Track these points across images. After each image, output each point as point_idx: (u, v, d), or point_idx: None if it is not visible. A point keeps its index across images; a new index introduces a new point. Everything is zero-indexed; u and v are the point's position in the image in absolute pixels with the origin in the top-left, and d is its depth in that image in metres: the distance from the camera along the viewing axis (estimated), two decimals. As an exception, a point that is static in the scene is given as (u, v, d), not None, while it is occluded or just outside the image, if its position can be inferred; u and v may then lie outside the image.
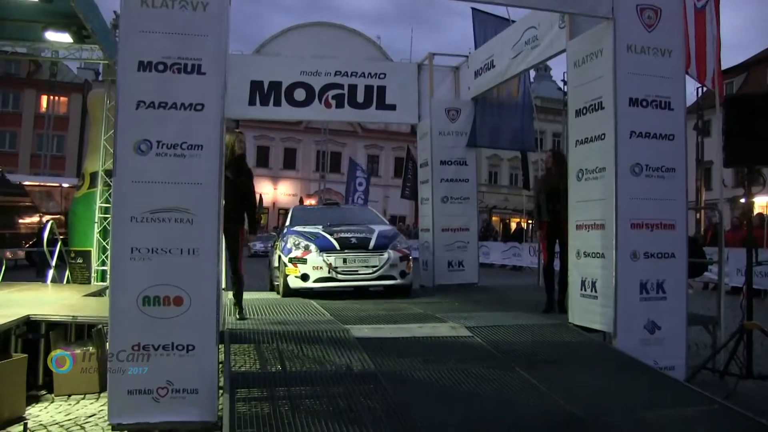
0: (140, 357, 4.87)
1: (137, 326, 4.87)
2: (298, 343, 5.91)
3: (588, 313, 6.57)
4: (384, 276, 9.35)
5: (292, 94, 10.38)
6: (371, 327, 6.51)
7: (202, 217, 5.01)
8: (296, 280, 9.15)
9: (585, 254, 6.63)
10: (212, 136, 5.10)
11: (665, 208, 6.36)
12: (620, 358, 5.94)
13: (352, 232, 9.70)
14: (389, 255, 9.40)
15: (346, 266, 9.21)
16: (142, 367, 4.89)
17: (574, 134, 6.86)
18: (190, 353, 4.93)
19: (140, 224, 4.89)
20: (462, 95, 11.14)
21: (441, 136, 10.88)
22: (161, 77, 5.03)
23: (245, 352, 5.85)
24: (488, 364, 5.63)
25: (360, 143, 57.28)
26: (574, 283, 6.79)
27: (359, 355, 5.60)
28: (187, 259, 4.96)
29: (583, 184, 6.67)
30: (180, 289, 4.93)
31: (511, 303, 9.03)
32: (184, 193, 5.00)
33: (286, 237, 9.76)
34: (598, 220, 6.43)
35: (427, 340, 6.23)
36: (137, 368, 4.88)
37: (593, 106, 6.50)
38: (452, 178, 10.94)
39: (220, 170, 5.13)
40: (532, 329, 6.81)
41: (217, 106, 5.13)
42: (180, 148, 5.01)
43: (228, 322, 6.72)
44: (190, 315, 4.93)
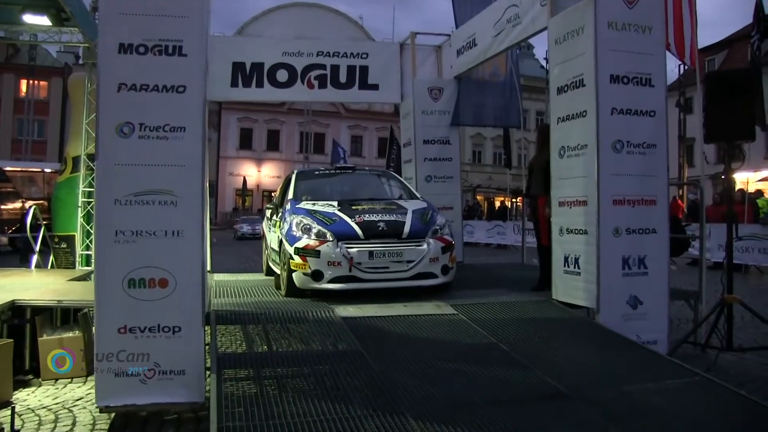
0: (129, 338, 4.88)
1: (123, 309, 4.87)
2: (284, 324, 5.91)
3: (571, 289, 6.62)
4: (422, 274, 7.14)
5: (275, 75, 10.33)
6: (356, 306, 6.50)
7: (186, 199, 4.99)
8: (305, 279, 7.02)
9: (568, 231, 6.68)
10: (195, 118, 5.07)
11: (646, 184, 6.42)
12: (603, 334, 5.99)
13: (378, 213, 7.41)
14: (429, 246, 7.19)
15: (373, 262, 6.98)
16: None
17: (556, 112, 6.87)
18: (177, 335, 4.94)
19: (124, 207, 4.88)
20: (445, 74, 11.10)
21: (424, 115, 10.84)
22: (142, 59, 4.99)
23: (232, 333, 5.87)
24: (473, 341, 5.67)
25: (343, 124, 57.16)
26: (558, 259, 6.83)
27: (344, 335, 5.61)
28: (171, 241, 4.96)
29: (565, 161, 6.70)
30: (165, 271, 4.93)
31: (495, 281, 9.05)
32: (167, 176, 4.98)
33: (289, 215, 7.58)
34: (581, 197, 6.47)
35: (412, 319, 6.23)
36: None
37: (575, 84, 6.52)
38: (436, 157, 10.91)
39: (203, 152, 5.11)
40: (517, 306, 6.84)
41: (199, 88, 5.10)
42: (163, 130, 4.99)
43: (214, 303, 6.71)
44: (175, 297, 4.93)
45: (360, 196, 8.42)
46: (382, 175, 9.95)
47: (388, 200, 8.38)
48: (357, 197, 8.29)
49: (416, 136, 10.84)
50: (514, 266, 11.46)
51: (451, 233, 7.67)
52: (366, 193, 8.65)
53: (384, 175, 10.00)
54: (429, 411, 4.15)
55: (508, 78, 11.24)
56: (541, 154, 7.78)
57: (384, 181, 9.55)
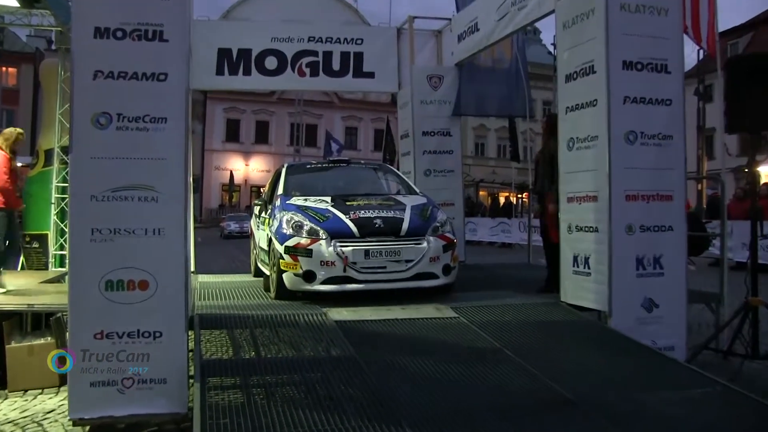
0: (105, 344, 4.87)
1: (100, 313, 4.86)
2: (274, 328, 5.91)
3: (581, 290, 6.62)
4: (422, 275, 7.11)
5: (263, 62, 10.30)
6: (351, 309, 6.50)
7: (168, 195, 5.00)
8: (296, 280, 7.00)
9: (577, 228, 6.67)
10: (177, 109, 5.07)
11: (662, 178, 6.41)
12: (616, 339, 5.98)
13: (374, 209, 7.41)
14: (429, 244, 7.15)
15: (369, 261, 6.96)
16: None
17: (564, 101, 6.86)
18: (158, 340, 4.94)
19: (101, 203, 4.87)
20: (445, 61, 11.09)
21: (423, 105, 10.84)
22: (120, 45, 4.98)
23: (217, 339, 5.85)
24: (476, 346, 5.67)
25: (337, 114, 57.16)
26: (566, 259, 6.83)
27: (338, 340, 5.60)
28: (152, 239, 4.96)
29: (574, 154, 6.70)
30: (145, 272, 4.94)
31: (500, 282, 9.05)
32: (147, 170, 4.98)
33: (279, 212, 7.57)
34: (591, 192, 6.46)
35: (411, 323, 6.23)
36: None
37: (584, 71, 6.51)
38: (435, 150, 10.91)
39: (186, 145, 5.10)
40: (522, 309, 6.84)
41: (181, 76, 5.10)
42: (142, 121, 4.99)
43: (198, 306, 6.71)
44: (156, 299, 4.93)
45: (355, 191, 8.39)
46: (378, 169, 9.96)
47: (385, 195, 8.38)
48: (352, 192, 8.24)
49: (415, 128, 10.84)
50: (520, 266, 11.45)
51: (453, 231, 7.66)
52: (361, 188, 8.63)
53: (380, 169, 10.02)
54: (428, 421, 4.14)
55: (513, 65, 11.24)
56: (547, 146, 7.81)
57: (380, 176, 9.55)
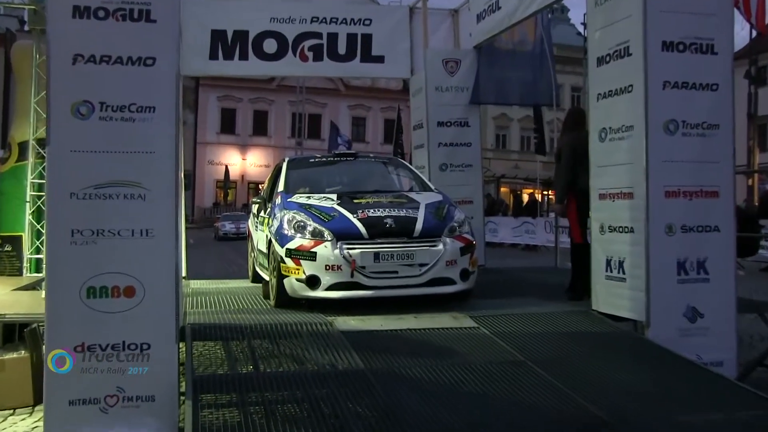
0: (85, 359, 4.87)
1: (80, 323, 4.87)
2: (273, 339, 5.91)
3: (615, 298, 6.57)
4: (437, 280, 7.08)
5: (261, 45, 10.28)
6: (359, 318, 6.50)
7: (157, 192, 5.01)
8: (298, 285, 6.96)
9: (610, 228, 6.62)
10: (166, 96, 5.09)
11: (707, 172, 6.35)
12: (655, 352, 5.93)
13: (385, 207, 7.39)
14: (445, 246, 7.13)
15: (379, 265, 6.92)
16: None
17: (595, 87, 6.82)
18: (145, 353, 4.94)
19: (82, 202, 4.88)
20: (462, 43, 11.05)
21: (438, 93, 10.78)
22: (102, 25, 4.99)
23: (211, 351, 5.86)
24: (497, 359, 5.64)
25: (343, 103, 57.17)
26: (598, 262, 6.78)
27: (345, 352, 5.59)
28: (139, 241, 4.97)
29: (606, 146, 6.66)
30: (131, 277, 4.94)
31: (523, 288, 9.03)
32: (133, 164, 5.00)
33: (280, 211, 7.58)
34: (626, 188, 6.41)
35: (425, 333, 6.22)
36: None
37: (618, 53, 6.45)
38: (452, 142, 10.86)
39: (176, 136, 5.11)
40: (549, 318, 6.81)
41: (170, 61, 5.11)
42: (128, 110, 5.00)
43: (190, 315, 6.70)
44: (144, 308, 4.94)
45: (363, 187, 8.39)
46: (389, 163, 9.97)
47: (397, 192, 8.37)
48: (360, 189, 8.25)
49: (429, 117, 10.79)
50: (546, 271, 11.43)
51: (472, 231, 7.65)
52: (370, 185, 8.63)
53: (391, 163, 10.03)
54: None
55: (537, 47, 11.18)
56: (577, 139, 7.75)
57: (391, 170, 9.53)
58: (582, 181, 7.43)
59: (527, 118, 46.12)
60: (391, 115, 49.00)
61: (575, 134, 7.80)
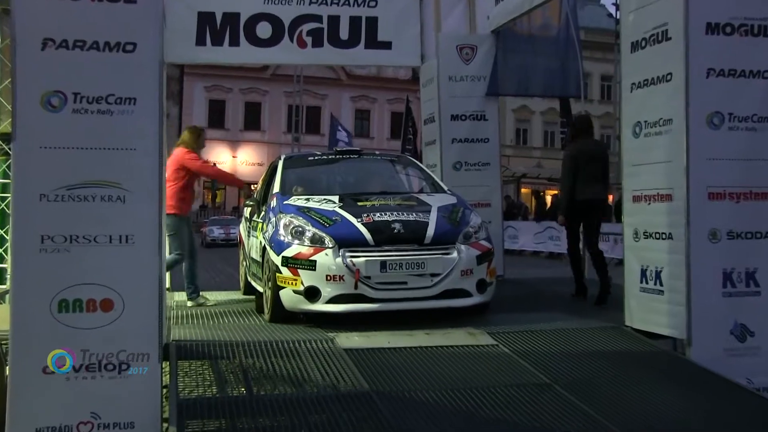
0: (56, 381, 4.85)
1: (50, 341, 4.85)
2: (268, 358, 5.90)
3: (651, 312, 6.56)
4: (451, 292, 7.09)
5: (254, 29, 10.25)
6: (364, 335, 6.50)
7: (138, 194, 5.01)
8: (296, 298, 6.98)
9: (645, 234, 6.62)
10: (148, 87, 5.09)
11: (757, 171, 6.32)
12: (698, 375, 5.92)
13: (392, 211, 7.38)
14: (460, 254, 7.15)
15: (386, 275, 6.93)
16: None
17: (629, 76, 6.81)
18: (123, 374, 4.92)
19: (53, 204, 4.87)
20: (479, 27, 11.06)
21: (452, 83, 10.82)
22: (76, 6, 4.99)
23: (198, 372, 5.83)
24: (519, 381, 5.63)
25: (345, 94, 57.20)
26: (632, 272, 6.78)
27: (348, 372, 5.60)
28: (118, 249, 4.96)
29: (641, 142, 6.65)
30: (109, 289, 4.94)
31: (547, 301, 9.08)
32: (112, 163, 4.99)
33: (275, 214, 7.60)
34: (663, 189, 6.40)
35: (437, 351, 6.22)
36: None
37: (656, 37, 6.44)
38: (467, 138, 10.89)
39: (159, 131, 5.10)
40: (577, 335, 6.81)
41: (153, 46, 5.12)
42: (105, 102, 4.99)
43: (174, 332, 6.69)
44: (123, 323, 4.93)
45: (368, 188, 8.44)
46: (396, 162, 10.01)
47: (406, 194, 8.40)
48: (364, 190, 8.30)
49: (441, 110, 10.81)
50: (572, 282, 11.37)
51: (489, 237, 7.67)
52: (376, 185, 8.69)
53: (399, 162, 10.06)
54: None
55: (563, 31, 11.18)
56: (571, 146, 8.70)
57: (399, 169, 9.57)
58: (580, 191, 8.37)
59: (551, 110, 46.07)
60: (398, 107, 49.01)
61: (580, 142, 8.59)
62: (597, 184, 8.59)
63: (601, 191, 8.80)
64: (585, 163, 8.48)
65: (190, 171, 8.84)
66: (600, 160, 8.71)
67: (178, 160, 8.81)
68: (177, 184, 8.65)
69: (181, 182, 8.72)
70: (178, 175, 8.67)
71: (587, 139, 8.87)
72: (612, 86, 42.70)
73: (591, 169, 8.51)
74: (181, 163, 8.79)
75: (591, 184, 8.50)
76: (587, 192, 8.49)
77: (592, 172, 8.52)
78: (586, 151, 8.63)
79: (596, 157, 8.68)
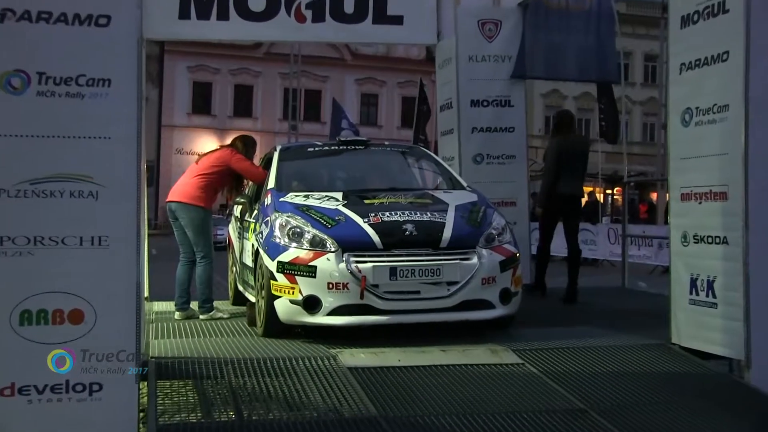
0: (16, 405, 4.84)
1: (10, 358, 4.86)
2: (261, 378, 5.90)
3: (703, 329, 6.55)
4: (471, 303, 7.10)
5: (246, 1, 10.29)
6: (371, 352, 6.51)
7: (113, 189, 5.01)
8: (293, 309, 6.99)
9: (696, 238, 6.61)
10: (124, 66, 5.09)
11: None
12: (758, 402, 5.90)
13: (404, 210, 7.40)
14: (481, 259, 7.15)
15: (397, 284, 6.93)
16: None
17: (678, 55, 6.81)
18: (95, 396, 4.93)
19: (14, 201, 4.87)
20: (504, 0, 11.03)
21: (472, 64, 10.82)
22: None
23: (180, 393, 5.83)
24: (549, 407, 5.61)
25: (349, 77, 57.26)
26: (679, 282, 6.78)
27: (353, 394, 5.59)
28: (89, 252, 4.97)
29: (692, 132, 6.63)
30: (79, 298, 4.94)
31: (581, 314, 9.08)
32: (83, 153, 5.00)
33: (270, 213, 7.65)
34: (717, 186, 6.39)
35: (454, 371, 6.21)
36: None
37: (710, 10, 6.42)
38: (490, 127, 10.89)
39: (137, 118, 5.10)
40: (616, 354, 6.80)
41: (129, 20, 5.12)
42: (75, 83, 4.99)
43: (154, 347, 6.70)
44: (94, 337, 4.93)
45: (376, 184, 8.53)
46: (408, 154, 10.05)
47: (419, 191, 8.43)
48: (372, 186, 8.38)
49: (460, 95, 10.81)
50: (611, 292, 11.42)
51: (515, 241, 7.69)
52: (385, 181, 8.77)
53: (412, 154, 10.11)
54: None
55: (596, 4, 11.15)
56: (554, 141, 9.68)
57: (412, 163, 9.64)
58: (562, 185, 9.39)
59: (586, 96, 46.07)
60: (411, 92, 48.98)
61: (564, 136, 9.86)
62: (578, 180, 9.83)
63: (580, 187, 10.19)
64: (568, 158, 9.57)
65: (226, 171, 8.84)
66: (582, 155, 10.00)
67: (221, 157, 8.86)
68: (209, 179, 8.73)
69: (214, 177, 8.77)
70: (212, 171, 8.73)
71: (570, 133, 10.00)
72: (657, 67, 42.65)
73: (574, 164, 9.69)
74: (223, 160, 8.81)
75: (572, 179, 9.68)
76: (568, 187, 9.62)
77: (574, 167, 9.69)
78: (570, 146, 9.78)
79: (579, 152, 9.97)
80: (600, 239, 24.80)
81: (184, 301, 8.71)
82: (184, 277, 8.81)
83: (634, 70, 51.26)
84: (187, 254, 8.83)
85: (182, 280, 8.79)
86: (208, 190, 8.67)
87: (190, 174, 8.79)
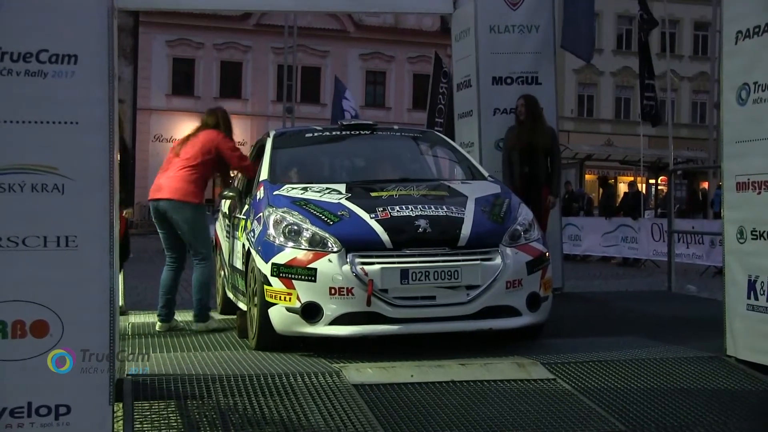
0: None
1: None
2: (254, 397, 5.90)
3: (763, 339, 6.54)
4: (494, 309, 7.09)
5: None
6: (379, 366, 6.52)
7: (82, 182, 5.02)
8: (290, 318, 6.97)
9: (755, 234, 6.59)
10: (93, 41, 5.10)
11: None
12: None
13: (416, 203, 7.39)
14: (505, 260, 7.13)
15: (408, 288, 6.92)
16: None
17: (734, 21, 6.80)
18: (62, 420, 4.94)
19: (-32, 196, 4.88)
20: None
21: (494, 35, 10.84)
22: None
23: (161, 416, 5.84)
24: (583, 427, 5.61)
25: (353, 51, 57.28)
26: (735, 284, 6.78)
27: (359, 415, 5.59)
28: (55, 255, 4.98)
29: (750, 111, 6.61)
30: (43, 307, 4.94)
31: (621, 322, 9.09)
32: (46, 140, 5.00)
33: (263, 209, 7.65)
34: (781, 174, 6.39)
35: (475, 387, 6.22)
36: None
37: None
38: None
39: (109, 99, 5.09)
40: (661, 367, 6.79)
41: (99, -13, 5.11)
42: (36, 60, 5.00)
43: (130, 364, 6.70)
44: (61, 353, 4.91)
45: (384, 175, 8.55)
46: (421, 139, 10.04)
47: (434, 181, 8.45)
48: (379, 177, 8.38)
49: (480, 72, 10.82)
50: (654, 296, 11.41)
51: (544, 239, 7.71)
52: (394, 170, 8.79)
53: (425, 139, 10.11)
54: None
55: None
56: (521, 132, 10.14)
57: (425, 149, 9.65)
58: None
59: (626, 70, 46.01)
60: (424, 68, 49.08)
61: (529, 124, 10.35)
62: None
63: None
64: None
65: (217, 158, 8.80)
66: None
67: (213, 141, 8.76)
68: (198, 170, 8.65)
69: (207, 167, 8.73)
70: (204, 159, 8.66)
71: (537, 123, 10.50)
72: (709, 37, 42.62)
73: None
74: (216, 145, 8.74)
75: None
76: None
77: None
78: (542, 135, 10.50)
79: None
80: (642, 236, 24.74)
81: (168, 311, 8.68)
82: (170, 284, 8.76)
83: (681, 40, 51.21)
84: (174, 258, 8.77)
85: (168, 287, 8.74)
86: (199, 183, 8.61)
87: (176, 166, 8.64)
